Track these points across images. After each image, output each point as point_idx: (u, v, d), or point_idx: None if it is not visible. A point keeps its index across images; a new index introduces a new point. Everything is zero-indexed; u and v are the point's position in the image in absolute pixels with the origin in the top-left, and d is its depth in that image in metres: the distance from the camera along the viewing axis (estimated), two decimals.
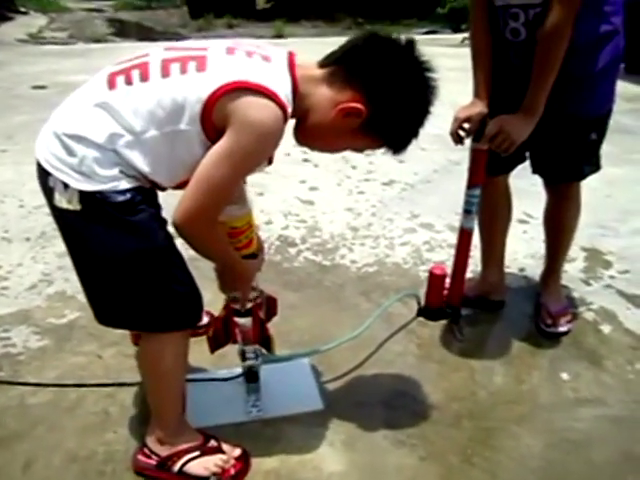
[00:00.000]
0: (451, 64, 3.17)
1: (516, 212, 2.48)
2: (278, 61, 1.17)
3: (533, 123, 1.50)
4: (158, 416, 1.34)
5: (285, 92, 1.12)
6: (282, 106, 1.10)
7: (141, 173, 1.13)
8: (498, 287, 2.01)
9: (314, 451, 1.41)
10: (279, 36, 10.83)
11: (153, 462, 1.32)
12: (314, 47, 7.73)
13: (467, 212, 1.73)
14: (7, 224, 2.66)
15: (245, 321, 1.39)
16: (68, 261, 1.72)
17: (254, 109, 1.08)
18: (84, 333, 1.87)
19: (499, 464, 1.40)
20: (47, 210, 1.42)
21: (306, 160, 3.57)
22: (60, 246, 2.37)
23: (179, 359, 1.29)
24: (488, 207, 1.84)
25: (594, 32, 1.50)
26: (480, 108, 1.60)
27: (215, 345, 1.45)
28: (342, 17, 13.68)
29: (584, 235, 2.51)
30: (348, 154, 3.67)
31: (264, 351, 1.48)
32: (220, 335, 1.43)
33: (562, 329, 1.87)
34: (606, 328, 1.93)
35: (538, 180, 1.86)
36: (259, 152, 1.12)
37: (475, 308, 1.99)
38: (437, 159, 3.47)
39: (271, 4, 16.87)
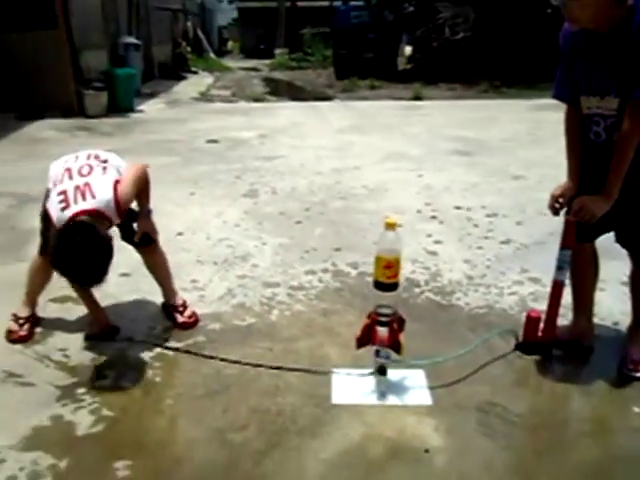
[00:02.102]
0: None
1: (620, 275, 2.85)
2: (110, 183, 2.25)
3: (609, 203, 1.96)
4: None
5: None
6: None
7: None
8: (587, 334, 2.41)
9: (423, 431, 1.94)
10: (417, 98, 11.56)
11: None
12: (447, 112, 8.45)
13: (559, 268, 2.20)
14: (200, 251, 3.50)
15: (383, 329, 1.99)
16: (246, 281, 2.52)
17: None
18: (259, 334, 2.57)
19: (561, 464, 1.83)
20: (228, 242, 2.16)
21: (433, 217, 4.13)
22: (239, 269, 3.16)
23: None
24: (577, 267, 2.29)
25: None
26: (571, 188, 2.09)
27: (360, 344, 2.06)
28: (479, 81, 14.14)
29: None
30: (473, 214, 4.10)
31: (394, 354, 2.05)
32: (364, 337, 2.03)
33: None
34: None
35: None
36: None
37: (567, 350, 2.40)
38: (553, 224, 3.79)
39: (412, 65, 17.89)
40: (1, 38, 8.48)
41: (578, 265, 2.29)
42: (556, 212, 2.14)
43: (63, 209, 2.07)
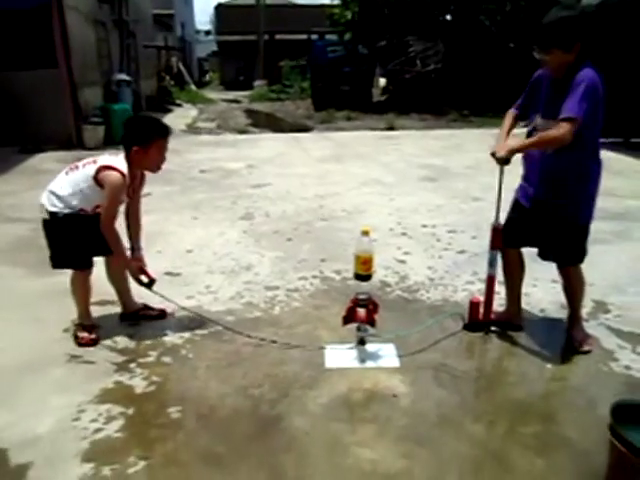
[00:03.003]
0: None
1: (549, 275, 3.59)
2: (121, 156, 2.91)
3: (514, 148, 2.69)
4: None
5: (122, 166, 2.84)
6: (121, 173, 2.81)
7: (77, 207, 2.90)
8: (516, 316, 3.16)
9: (392, 382, 2.65)
10: (391, 128, 12.45)
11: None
12: (418, 141, 9.46)
13: (490, 264, 2.96)
14: (209, 264, 4.19)
15: (362, 309, 2.70)
16: (251, 285, 3.27)
17: (109, 176, 2.81)
18: (266, 323, 3.27)
19: (492, 401, 2.55)
20: (232, 256, 3.05)
21: (403, 234, 4.89)
22: (244, 277, 3.83)
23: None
24: (507, 266, 3.05)
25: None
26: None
27: (345, 322, 2.77)
28: (449, 110, 15.14)
29: (599, 292, 3.56)
30: (437, 230, 4.83)
31: (370, 329, 2.77)
32: (348, 316, 2.75)
33: (585, 349, 2.92)
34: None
35: None
36: (117, 193, 2.85)
37: (501, 327, 3.13)
38: None
39: (386, 97, 18.93)
40: (6, 76, 9.17)
41: (507, 265, 3.05)
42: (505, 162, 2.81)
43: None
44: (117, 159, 2.89)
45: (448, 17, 17.14)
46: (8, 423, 2.38)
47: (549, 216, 2.81)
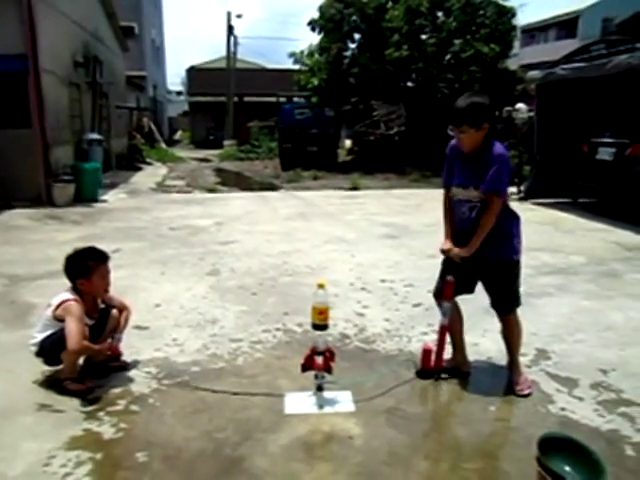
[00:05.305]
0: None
1: (497, 327, 3.88)
2: (69, 290, 3.22)
3: (469, 253, 3.04)
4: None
5: (74, 295, 3.17)
6: (74, 299, 3.14)
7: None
8: (463, 364, 3.41)
9: (347, 426, 2.84)
10: (355, 188, 12.93)
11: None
12: (381, 200, 9.95)
13: (443, 315, 3.23)
14: (176, 318, 4.35)
15: (319, 357, 2.92)
16: (216, 338, 3.50)
17: (65, 307, 3.11)
18: (229, 373, 3.44)
19: (439, 439, 2.76)
20: (199, 310, 3.28)
21: (363, 288, 5.16)
22: (209, 330, 4.01)
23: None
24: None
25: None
26: (449, 245, 3.16)
27: (303, 369, 2.98)
28: (411, 170, 15.83)
29: (541, 341, 3.87)
30: (395, 285, 5.15)
31: (327, 375, 2.98)
32: (306, 363, 2.95)
33: (525, 392, 3.18)
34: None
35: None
36: (77, 314, 3.09)
37: (451, 374, 3.38)
38: None
39: (351, 157, 19.66)
40: None
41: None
42: (444, 253, 3.23)
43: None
44: (66, 293, 3.21)
45: (410, 84, 18.11)
46: None
47: (477, 258, 3.12)
